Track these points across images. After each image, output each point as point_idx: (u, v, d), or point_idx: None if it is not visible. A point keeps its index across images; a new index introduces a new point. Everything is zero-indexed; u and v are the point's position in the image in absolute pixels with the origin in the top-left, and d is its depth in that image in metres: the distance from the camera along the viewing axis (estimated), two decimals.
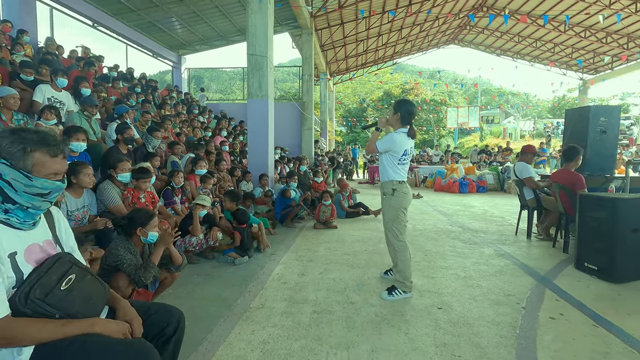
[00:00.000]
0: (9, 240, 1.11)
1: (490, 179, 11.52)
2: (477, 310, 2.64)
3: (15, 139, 1.12)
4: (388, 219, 3.01)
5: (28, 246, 1.16)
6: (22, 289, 1.09)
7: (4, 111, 3.57)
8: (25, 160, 1.13)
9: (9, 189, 1.11)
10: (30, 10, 7.99)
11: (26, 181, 1.12)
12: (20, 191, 1.12)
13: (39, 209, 1.19)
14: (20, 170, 1.12)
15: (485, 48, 22.12)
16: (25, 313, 1.09)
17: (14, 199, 1.12)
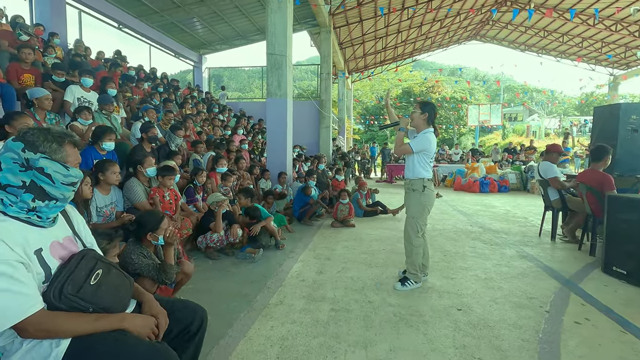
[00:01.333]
0: (33, 238, 1.17)
1: (512, 178, 11.23)
2: (498, 312, 2.59)
3: (47, 136, 1.20)
4: (413, 214, 3.11)
5: (51, 243, 1.23)
6: (55, 285, 1.16)
7: (38, 111, 3.75)
8: (62, 153, 1.22)
9: (48, 183, 1.18)
10: (61, 13, 8.32)
11: (65, 171, 1.21)
12: (58, 183, 1.19)
13: (65, 201, 1.26)
14: (60, 162, 1.20)
15: (509, 44, 21.48)
16: (61, 308, 1.15)
17: (50, 193, 1.19)
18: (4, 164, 1.14)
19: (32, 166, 1.16)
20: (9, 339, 1.12)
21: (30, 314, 1.07)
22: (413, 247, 3.08)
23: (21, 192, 1.15)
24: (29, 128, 1.21)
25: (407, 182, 3.17)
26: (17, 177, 1.15)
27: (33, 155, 1.16)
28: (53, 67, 5.25)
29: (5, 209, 1.14)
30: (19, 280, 1.07)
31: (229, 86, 18.52)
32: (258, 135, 10.46)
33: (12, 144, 1.16)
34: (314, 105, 13.76)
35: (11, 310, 1.05)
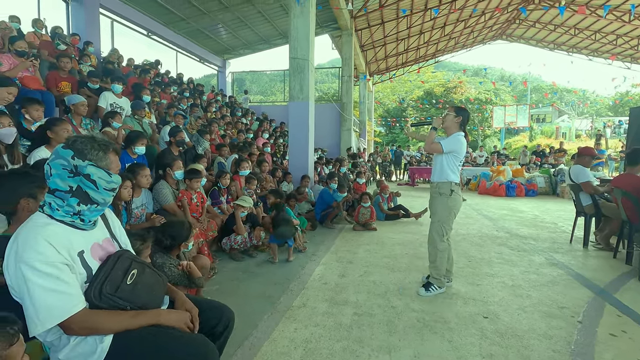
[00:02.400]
0: (76, 240, 1.24)
1: (541, 182, 10.83)
2: (527, 321, 2.52)
3: (93, 144, 1.28)
4: (439, 218, 3.07)
5: (92, 245, 1.30)
6: (95, 285, 1.22)
7: (74, 116, 3.96)
8: (106, 160, 1.30)
9: (93, 188, 1.25)
10: (95, 23, 8.75)
11: (108, 178, 1.28)
12: (101, 188, 1.27)
13: (105, 205, 1.34)
14: (104, 169, 1.28)
15: (537, 42, 20.79)
16: (101, 307, 1.22)
17: (93, 198, 1.26)
18: (54, 169, 1.22)
19: (80, 172, 1.23)
20: (56, 335, 1.19)
21: (74, 312, 1.14)
22: (438, 251, 3.04)
23: (68, 197, 1.23)
24: (77, 136, 1.29)
25: (434, 185, 3.13)
26: (65, 182, 1.22)
27: (81, 162, 1.23)
28: (88, 75, 5.53)
29: (52, 212, 1.22)
30: (64, 281, 1.14)
31: (251, 89, 18.85)
32: (280, 138, 10.59)
33: (63, 152, 1.24)
34: (335, 108, 13.80)
35: (57, 309, 1.12)
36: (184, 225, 2.36)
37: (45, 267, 1.11)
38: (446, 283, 3.14)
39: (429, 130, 3.19)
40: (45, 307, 1.10)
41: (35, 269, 1.10)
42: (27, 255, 1.10)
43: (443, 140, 3.04)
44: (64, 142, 2.65)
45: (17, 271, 1.10)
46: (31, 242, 1.13)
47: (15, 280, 1.11)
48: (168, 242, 2.28)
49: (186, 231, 2.36)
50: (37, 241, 1.13)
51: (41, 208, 1.25)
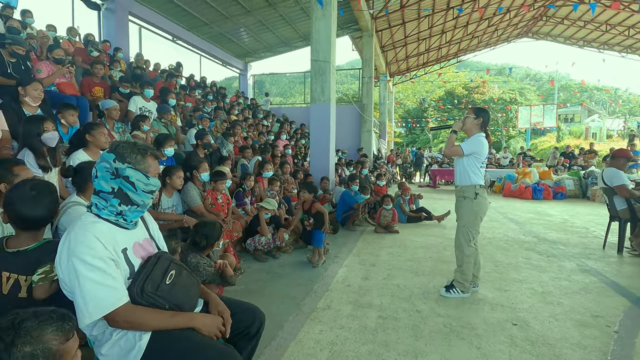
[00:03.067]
0: (121, 238, 1.32)
1: (570, 184, 10.44)
2: (559, 330, 2.44)
3: (133, 148, 1.36)
4: (465, 222, 3.03)
5: (134, 243, 1.37)
6: (137, 283, 1.29)
7: (108, 120, 4.14)
8: (145, 163, 1.36)
9: (132, 190, 1.32)
10: (124, 30, 9.11)
11: (146, 180, 1.35)
12: (139, 190, 1.34)
13: (145, 207, 1.40)
14: (142, 171, 1.34)
15: (565, 40, 20.04)
16: (141, 304, 1.28)
17: (133, 199, 1.33)
18: (99, 172, 1.31)
19: (120, 174, 1.31)
20: (101, 329, 1.26)
21: (119, 305, 1.21)
22: (465, 256, 3.00)
23: (110, 197, 1.30)
24: (119, 141, 1.36)
25: (458, 189, 3.09)
26: (108, 183, 1.31)
27: (121, 165, 1.31)
28: (119, 80, 5.76)
29: (99, 212, 1.31)
30: (110, 275, 1.21)
31: (270, 91, 19.11)
32: (300, 140, 10.66)
33: (106, 155, 1.32)
34: (355, 109, 13.76)
35: (104, 302, 1.19)
36: (216, 225, 2.44)
37: (94, 260, 1.19)
38: (472, 288, 3.09)
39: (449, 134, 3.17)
40: (93, 299, 1.17)
41: (85, 262, 1.18)
42: (79, 250, 1.18)
43: (463, 143, 3.01)
44: (101, 145, 2.76)
45: (69, 265, 1.18)
46: (81, 238, 1.21)
47: (67, 273, 1.19)
48: (204, 242, 2.36)
49: (217, 231, 2.45)
50: (86, 237, 1.21)
51: (89, 208, 1.32)
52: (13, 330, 0.85)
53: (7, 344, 0.83)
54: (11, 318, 0.88)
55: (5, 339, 0.84)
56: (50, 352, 0.87)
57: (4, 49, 3.97)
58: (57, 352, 0.88)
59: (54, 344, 0.88)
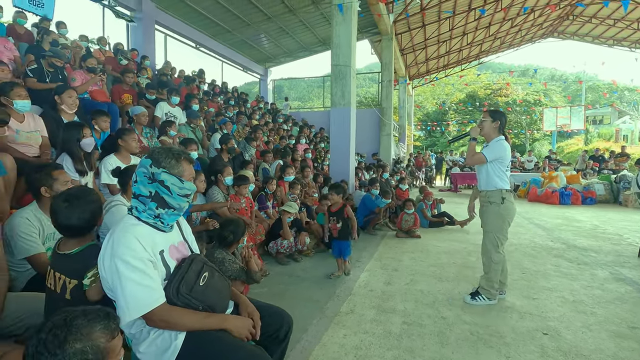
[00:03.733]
0: (159, 241, 1.37)
1: (600, 189, 10.01)
2: (593, 341, 2.35)
3: (168, 153, 1.40)
4: (492, 228, 2.96)
5: (170, 246, 1.42)
6: (172, 285, 1.33)
7: (137, 126, 4.30)
8: (179, 168, 1.40)
9: (167, 193, 1.37)
10: (151, 38, 9.45)
11: (180, 184, 1.38)
12: (175, 194, 1.38)
13: (181, 211, 1.44)
14: (176, 176, 1.38)
15: (593, 39, 19.30)
16: (177, 304, 1.33)
17: (169, 202, 1.38)
18: (138, 177, 1.37)
19: (156, 179, 1.36)
20: (139, 328, 1.31)
21: (156, 305, 1.26)
22: (492, 263, 2.93)
23: (148, 201, 1.36)
24: (156, 147, 1.42)
25: (483, 194, 3.04)
26: (146, 188, 1.36)
27: (157, 169, 1.36)
28: (146, 87, 5.96)
29: (139, 214, 1.36)
30: (149, 275, 1.26)
31: (289, 96, 19.28)
32: (320, 143, 10.71)
33: (144, 161, 1.38)
34: (374, 113, 13.71)
35: (143, 301, 1.24)
36: (240, 222, 2.51)
37: (135, 261, 1.24)
38: (499, 295, 3.01)
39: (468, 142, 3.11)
40: (133, 299, 1.22)
41: (127, 262, 1.23)
42: (121, 251, 1.24)
43: (484, 150, 2.96)
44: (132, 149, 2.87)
45: (111, 265, 1.24)
46: (123, 240, 1.26)
47: (110, 273, 1.25)
48: (231, 237, 2.43)
49: (242, 228, 2.51)
50: (128, 239, 1.27)
51: (130, 210, 1.38)
52: (66, 327, 0.90)
53: (60, 341, 0.88)
54: (63, 316, 0.93)
55: (59, 336, 0.89)
56: (98, 349, 0.92)
57: (44, 60, 4.19)
58: (104, 349, 0.93)
59: (101, 341, 0.93)
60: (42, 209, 2.12)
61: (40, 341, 0.89)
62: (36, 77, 4.10)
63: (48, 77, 4.16)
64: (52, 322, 0.92)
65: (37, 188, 2.10)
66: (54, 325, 0.91)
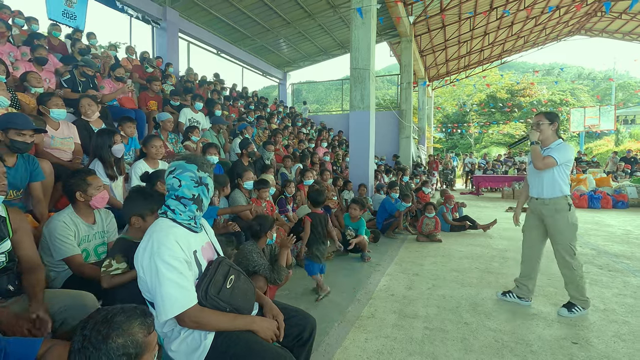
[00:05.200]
0: (193, 241, 1.44)
1: (632, 192, 9.57)
2: (626, 351, 2.26)
3: (204, 160, 1.51)
4: (566, 238, 2.81)
5: (201, 246, 1.48)
6: (202, 287, 1.38)
7: (162, 132, 4.46)
8: (212, 173, 1.53)
9: (207, 196, 1.49)
10: (174, 46, 9.76)
11: (212, 187, 1.53)
12: (209, 196, 1.51)
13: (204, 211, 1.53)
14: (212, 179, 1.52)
15: (623, 36, 18.52)
16: (206, 306, 1.38)
17: (204, 204, 1.49)
18: (184, 180, 1.44)
19: (202, 182, 1.46)
20: (170, 327, 1.37)
21: (190, 306, 1.32)
22: (574, 271, 2.80)
23: (190, 203, 1.44)
24: (189, 154, 1.50)
25: (546, 203, 2.87)
26: (190, 191, 1.45)
27: (204, 174, 1.46)
28: (170, 94, 6.16)
29: (175, 216, 1.44)
30: (185, 276, 1.32)
31: (307, 99, 19.42)
32: (338, 147, 10.73)
33: (189, 166, 1.46)
34: (394, 115, 13.61)
35: (178, 301, 1.30)
36: (268, 217, 2.61)
37: (174, 261, 1.31)
38: (524, 302, 2.94)
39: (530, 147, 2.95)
40: (170, 298, 1.28)
41: (167, 262, 1.29)
42: (161, 251, 1.31)
43: (554, 153, 2.81)
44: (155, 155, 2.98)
45: (151, 264, 1.30)
46: (164, 240, 1.33)
47: (149, 273, 1.31)
48: (258, 227, 2.55)
49: (270, 221, 2.62)
50: (168, 239, 1.34)
51: (164, 214, 1.45)
52: (107, 323, 0.97)
53: (103, 336, 0.95)
54: (104, 313, 1.00)
55: (101, 331, 0.95)
56: (137, 344, 0.98)
57: (77, 70, 4.41)
58: (142, 343, 0.99)
59: (140, 336, 0.99)
60: (78, 213, 2.24)
61: (85, 337, 0.95)
62: (70, 87, 4.32)
63: (80, 86, 4.38)
64: (94, 320, 0.99)
65: (72, 192, 2.21)
66: (96, 322, 0.98)
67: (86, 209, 2.27)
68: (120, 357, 0.95)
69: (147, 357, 1.01)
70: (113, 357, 0.94)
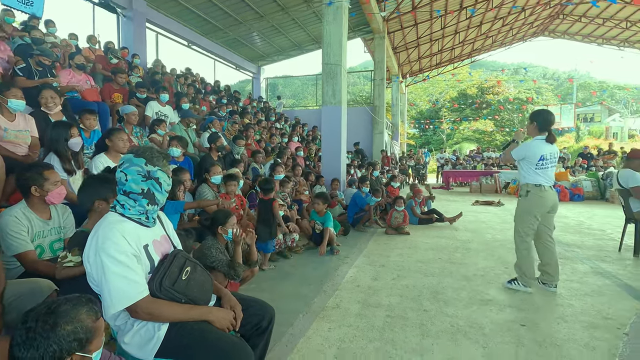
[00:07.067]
0: (143, 235, 1.44)
1: (587, 186, 10.22)
2: (567, 331, 2.44)
3: (157, 153, 1.49)
4: (517, 221, 3.29)
5: (153, 240, 1.48)
6: (156, 279, 1.39)
7: (126, 125, 4.33)
8: (167, 166, 1.51)
9: (159, 190, 1.46)
10: (142, 36, 9.41)
11: (168, 181, 1.50)
12: (163, 190, 1.47)
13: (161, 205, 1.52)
14: (167, 173, 1.49)
15: (583, 38, 19.57)
16: (160, 297, 1.39)
17: (157, 198, 1.46)
18: (130, 175, 1.42)
19: (152, 177, 1.44)
20: (123, 319, 1.37)
21: (140, 298, 1.32)
22: (518, 249, 3.27)
23: (140, 198, 1.43)
24: (143, 147, 1.48)
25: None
26: (139, 185, 1.42)
27: (152, 168, 1.44)
28: (136, 86, 5.97)
29: (124, 211, 1.43)
30: (133, 269, 1.32)
31: (283, 94, 19.25)
32: (313, 142, 10.76)
33: (136, 160, 1.43)
34: (367, 111, 13.78)
35: (127, 294, 1.30)
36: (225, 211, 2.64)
37: (120, 255, 1.30)
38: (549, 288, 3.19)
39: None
40: (117, 292, 1.28)
41: (112, 257, 1.29)
42: (106, 246, 1.30)
43: (513, 150, 3.35)
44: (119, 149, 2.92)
45: (96, 259, 1.30)
46: (109, 235, 1.32)
47: (95, 267, 1.31)
48: (208, 222, 2.57)
49: (224, 215, 2.57)
50: (113, 234, 1.33)
51: (113, 208, 1.44)
52: (53, 314, 0.99)
53: (51, 325, 0.97)
54: (46, 305, 1.02)
55: (49, 321, 0.97)
56: (87, 329, 1.02)
57: (32, 59, 4.19)
58: (92, 328, 1.03)
59: (88, 322, 1.03)
60: (32, 208, 2.16)
61: (29, 329, 0.96)
62: (25, 76, 4.11)
63: (36, 76, 4.17)
64: (36, 313, 0.99)
65: (27, 187, 2.13)
66: (40, 314, 0.99)
67: (41, 204, 2.19)
68: (71, 342, 0.98)
69: (97, 341, 1.05)
70: (64, 343, 0.97)
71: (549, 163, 3.18)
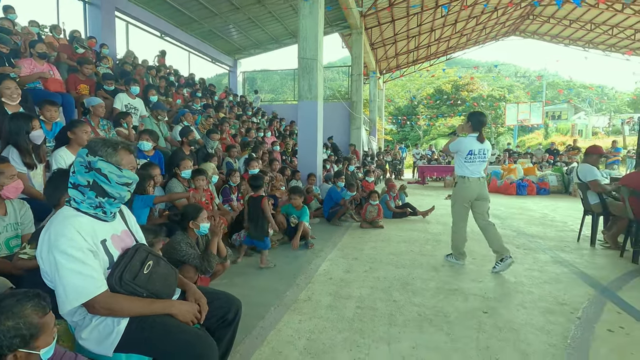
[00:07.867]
0: (100, 230, 1.38)
1: (553, 180, 10.71)
2: (525, 316, 2.58)
3: (104, 142, 1.42)
4: (451, 204, 3.91)
5: (112, 235, 1.44)
6: (115, 273, 1.36)
7: (93, 118, 4.16)
8: (116, 156, 1.40)
9: (105, 182, 1.37)
10: (111, 26, 9.04)
11: (118, 172, 1.38)
12: (113, 182, 1.37)
13: (123, 199, 1.44)
14: (114, 164, 1.39)
15: (551, 38, 20.40)
16: (120, 292, 1.36)
17: (108, 191, 1.37)
18: (75, 167, 1.38)
19: (92, 167, 1.36)
20: (81, 315, 1.34)
21: (97, 293, 1.29)
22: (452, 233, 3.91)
23: (87, 190, 1.36)
24: (93, 138, 1.43)
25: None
26: (83, 177, 1.37)
27: (93, 158, 1.37)
28: (103, 77, 5.75)
29: (78, 205, 1.38)
30: (89, 265, 1.29)
31: (262, 88, 19.05)
32: (289, 137, 10.72)
33: (81, 151, 1.39)
34: (345, 107, 13.85)
35: (83, 290, 1.26)
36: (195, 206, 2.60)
37: (74, 251, 1.26)
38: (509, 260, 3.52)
39: None
40: (73, 288, 1.25)
41: (65, 253, 1.25)
42: (59, 242, 1.26)
43: (451, 144, 3.80)
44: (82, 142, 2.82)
45: (49, 256, 1.26)
46: (62, 231, 1.28)
47: (49, 264, 1.27)
48: (178, 218, 2.53)
49: (195, 210, 2.53)
50: (67, 230, 1.28)
51: (68, 202, 1.39)
52: None
53: None
54: None
55: None
56: (32, 325, 0.99)
57: None
58: (37, 324, 1.00)
59: (34, 318, 1.00)
60: None
61: None
62: None
63: None
64: None
65: None
66: None
67: None
68: (12, 339, 0.95)
69: (44, 338, 1.02)
70: (3, 340, 0.95)
71: (477, 158, 3.64)
